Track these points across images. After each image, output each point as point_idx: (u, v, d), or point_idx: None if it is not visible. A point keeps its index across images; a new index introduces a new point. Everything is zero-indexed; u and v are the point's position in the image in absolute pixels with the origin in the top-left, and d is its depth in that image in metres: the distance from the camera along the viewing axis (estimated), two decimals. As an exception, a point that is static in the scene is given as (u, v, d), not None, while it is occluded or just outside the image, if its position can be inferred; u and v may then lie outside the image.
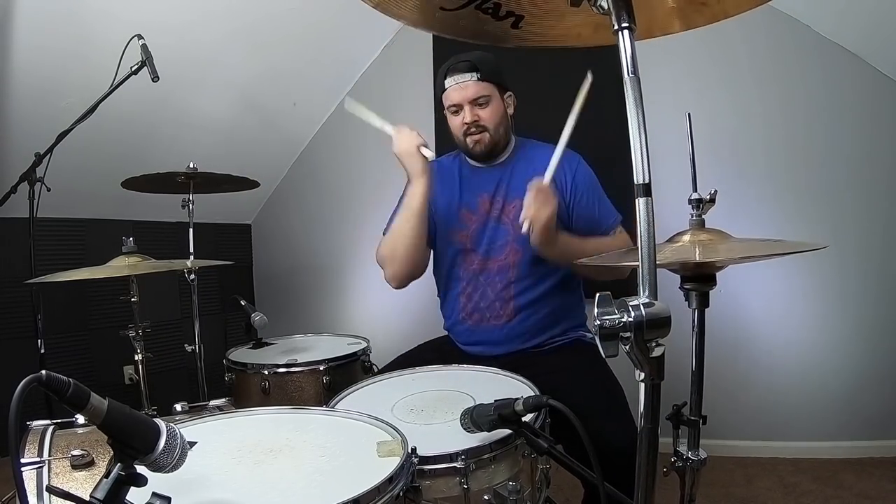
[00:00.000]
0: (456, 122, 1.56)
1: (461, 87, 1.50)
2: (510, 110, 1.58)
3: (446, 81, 1.52)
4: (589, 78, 1.33)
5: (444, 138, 1.59)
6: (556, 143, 1.36)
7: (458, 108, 1.53)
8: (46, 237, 2.33)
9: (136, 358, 1.59)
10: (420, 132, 1.48)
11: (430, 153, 1.47)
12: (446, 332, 1.71)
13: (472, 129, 1.53)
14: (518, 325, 1.55)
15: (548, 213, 1.34)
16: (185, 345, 1.95)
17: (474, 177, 1.62)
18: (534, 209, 1.32)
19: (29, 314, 2.06)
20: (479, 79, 1.49)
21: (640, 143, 0.59)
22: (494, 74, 1.52)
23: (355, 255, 3.03)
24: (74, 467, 0.92)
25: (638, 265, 0.59)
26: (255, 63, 2.64)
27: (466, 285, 1.60)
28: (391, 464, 0.79)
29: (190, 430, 0.98)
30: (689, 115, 0.95)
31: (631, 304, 0.57)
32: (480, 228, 1.58)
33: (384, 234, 1.64)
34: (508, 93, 1.58)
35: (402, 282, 1.59)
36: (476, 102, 1.51)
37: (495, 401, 0.93)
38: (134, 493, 0.62)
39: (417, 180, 1.48)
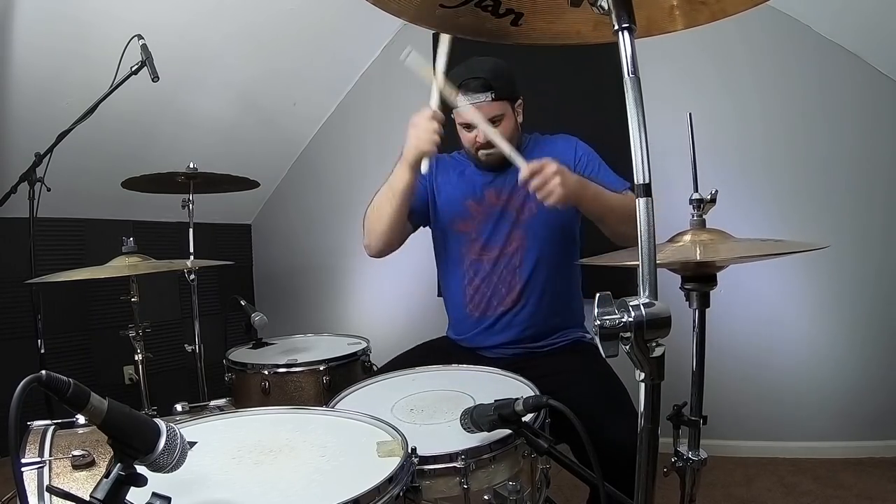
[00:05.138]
0: (468, 138, 1.53)
1: (475, 107, 1.43)
2: (520, 119, 1.55)
3: (458, 98, 1.43)
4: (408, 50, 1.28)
5: (445, 138, 1.55)
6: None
7: (470, 126, 1.50)
8: (46, 237, 2.33)
9: (136, 358, 1.59)
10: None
11: (425, 166, 1.40)
12: (445, 335, 1.71)
13: (485, 146, 1.50)
14: (522, 312, 1.55)
15: (559, 183, 1.27)
16: (185, 345, 1.94)
17: (481, 170, 1.61)
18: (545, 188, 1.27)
19: (29, 314, 2.06)
20: (493, 98, 1.43)
21: (640, 144, 0.59)
22: (508, 90, 1.47)
23: (355, 255, 3.02)
24: (75, 467, 0.92)
25: (638, 265, 0.58)
26: (255, 63, 2.63)
27: (473, 276, 1.59)
28: (391, 464, 0.79)
29: (190, 430, 0.98)
30: (689, 115, 0.94)
31: (631, 304, 0.56)
32: (486, 218, 1.58)
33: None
34: (519, 101, 1.53)
35: (377, 254, 1.60)
36: (490, 122, 1.44)
37: (495, 401, 0.93)
38: (134, 493, 0.62)
39: (408, 167, 1.42)
